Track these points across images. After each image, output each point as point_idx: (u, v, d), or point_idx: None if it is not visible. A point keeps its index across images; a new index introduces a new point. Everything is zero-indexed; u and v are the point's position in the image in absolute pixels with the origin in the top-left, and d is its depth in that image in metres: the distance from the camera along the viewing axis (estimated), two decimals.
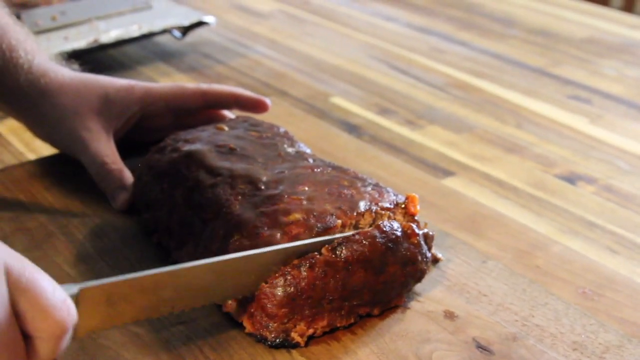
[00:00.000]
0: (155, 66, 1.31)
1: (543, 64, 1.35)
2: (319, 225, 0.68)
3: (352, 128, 1.10)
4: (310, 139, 0.95)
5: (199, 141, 0.81)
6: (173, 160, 0.79)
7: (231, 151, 0.79)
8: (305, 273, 0.65)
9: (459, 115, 1.15)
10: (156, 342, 0.66)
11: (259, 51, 1.39)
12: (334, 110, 1.16)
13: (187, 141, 0.82)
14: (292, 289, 0.65)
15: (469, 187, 0.95)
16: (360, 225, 0.70)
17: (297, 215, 0.69)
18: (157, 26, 1.31)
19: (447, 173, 0.99)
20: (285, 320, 0.65)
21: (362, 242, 0.67)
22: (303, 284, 0.65)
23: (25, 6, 1.35)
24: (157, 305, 0.61)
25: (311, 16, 1.57)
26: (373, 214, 0.71)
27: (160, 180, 0.79)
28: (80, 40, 1.24)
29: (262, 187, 0.73)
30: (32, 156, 0.99)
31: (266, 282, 0.65)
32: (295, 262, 0.66)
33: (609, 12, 1.63)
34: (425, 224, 0.74)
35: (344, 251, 0.66)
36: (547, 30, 1.51)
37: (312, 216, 0.69)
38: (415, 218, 0.74)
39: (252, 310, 0.66)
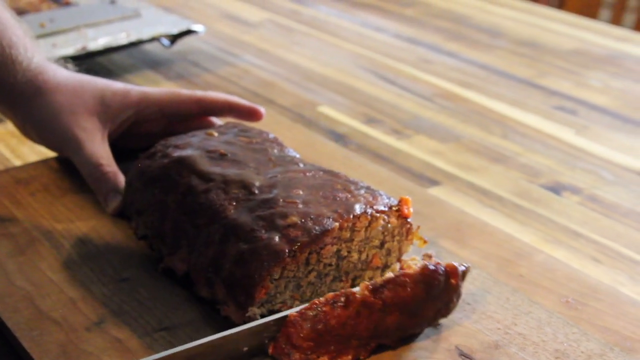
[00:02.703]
0: (143, 74, 1.31)
1: (529, 74, 1.36)
2: (316, 228, 0.68)
3: (339, 137, 1.11)
4: (297, 147, 0.95)
5: (189, 147, 0.81)
6: (164, 166, 0.79)
7: (222, 157, 0.79)
8: (338, 311, 0.64)
9: (446, 125, 1.16)
10: (138, 348, 0.66)
11: (247, 60, 1.39)
12: (321, 119, 1.16)
13: (177, 147, 0.82)
14: (321, 325, 0.64)
15: (454, 197, 0.96)
16: (357, 228, 0.71)
17: (295, 219, 0.69)
18: (145, 34, 1.31)
19: (433, 182, 0.99)
20: (309, 352, 0.64)
21: (406, 286, 0.65)
22: (334, 321, 0.64)
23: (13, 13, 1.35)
24: None
25: (301, 26, 1.58)
26: (369, 217, 0.71)
27: (152, 186, 0.79)
28: (68, 47, 1.24)
29: (256, 192, 0.73)
30: (18, 162, 0.99)
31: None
32: (330, 296, 0.64)
33: (596, 24, 1.64)
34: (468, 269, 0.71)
35: (385, 293, 0.65)
36: (534, 41, 1.52)
37: (309, 219, 0.69)
38: (409, 220, 0.74)
39: (276, 334, 0.65)
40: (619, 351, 0.67)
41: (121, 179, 0.86)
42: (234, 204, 0.72)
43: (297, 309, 0.65)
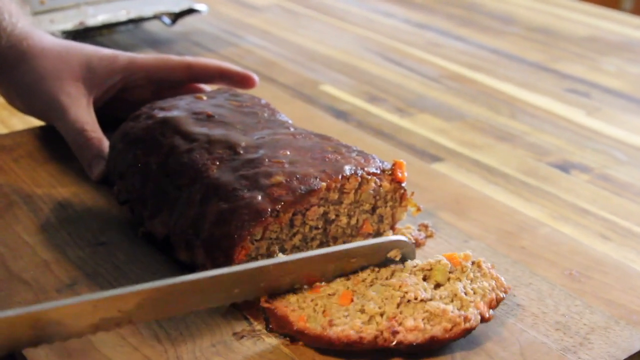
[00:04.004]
0: (144, 53, 1.27)
1: (542, 59, 1.31)
2: (302, 187, 0.64)
3: (340, 114, 1.07)
4: (295, 120, 0.91)
5: (175, 109, 0.78)
6: (148, 127, 0.75)
7: (208, 118, 0.75)
8: None
9: (451, 104, 1.11)
10: None
11: (250, 41, 1.35)
12: (322, 97, 1.12)
13: (163, 109, 0.78)
14: None
15: (457, 173, 0.92)
16: (345, 190, 0.66)
17: (279, 178, 0.65)
18: (146, 12, 1.28)
19: (435, 159, 0.95)
20: None
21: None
22: None
23: None
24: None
25: (308, 10, 1.54)
26: (359, 178, 0.67)
27: (134, 147, 0.75)
28: (66, 22, 1.21)
29: (241, 152, 0.69)
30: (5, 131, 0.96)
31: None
32: None
33: (613, 13, 1.59)
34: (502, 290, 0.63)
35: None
36: (547, 28, 1.47)
37: (295, 179, 0.65)
38: (403, 185, 0.70)
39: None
40: (624, 324, 0.63)
41: (106, 145, 0.82)
42: (217, 163, 0.68)
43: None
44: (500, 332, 0.61)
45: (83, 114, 0.84)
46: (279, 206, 0.63)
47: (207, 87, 0.93)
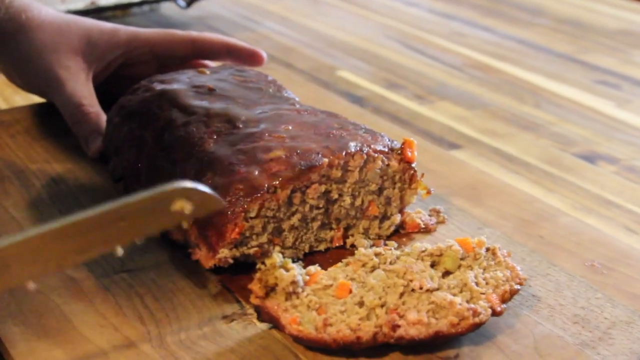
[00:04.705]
0: None
1: (570, 50, 1.25)
2: (302, 163, 0.60)
3: (356, 99, 1.02)
4: (306, 103, 0.87)
5: (176, 82, 0.74)
6: (144, 100, 0.71)
7: (210, 92, 0.71)
8: None
9: (474, 92, 1.06)
10: (93, 289, 0.58)
11: (268, 27, 1.31)
12: (338, 82, 1.08)
13: (162, 82, 0.74)
14: None
15: (475, 160, 0.87)
16: (350, 168, 0.62)
17: (279, 153, 0.60)
18: None
19: (454, 146, 0.90)
20: None
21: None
22: None
23: None
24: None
25: None
26: (364, 156, 0.62)
27: (130, 120, 0.71)
28: (77, 2, 1.18)
29: (241, 126, 0.65)
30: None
31: None
32: None
33: None
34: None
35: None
36: (577, 20, 1.41)
37: (295, 154, 0.60)
38: (412, 165, 0.65)
39: None
40: None
41: (103, 121, 0.78)
42: (215, 137, 0.64)
43: None
44: (513, 324, 0.56)
45: (81, 88, 0.80)
46: (277, 182, 0.59)
47: (213, 65, 0.89)
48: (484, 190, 0.75)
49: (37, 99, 0.90)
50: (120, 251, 0.50)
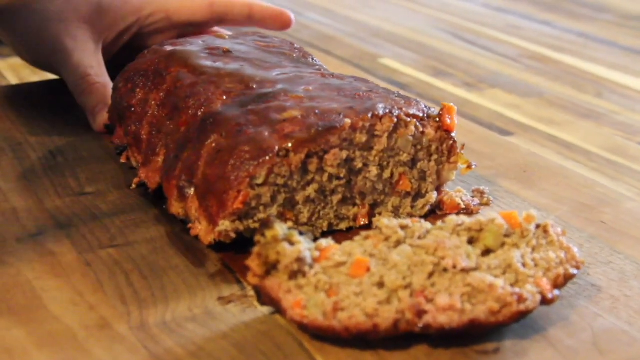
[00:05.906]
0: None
1: (636, 44, 1.15)
2: (320, 123, 0.51)
3: (399, 86, 0.93)
4: None
5: (188, 44, 0.66)
6: (151, 61, 0.64)
7: (225, 53, 0.63)
8: None
9: (529, 82, 0.97)
10: (73, 264, 0.50)
11: (309, 17, 1.23)
12: (380, 70, 0.99)
13: (173, 44, 0.66)
14: None
15: (528, 146, 0.77)
16: (377, 132, 0.53)
17: (294, 113, 0.52)
18: None
19: (504, 132, 0.81)
20: None
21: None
22: None
23: None
24: None
25: None
26: (394, 119, 0.53)
27: (134, 84, 0.63)
28: None
29: (255, 87, 0.56)
30: None
31: None
32: None
33: None
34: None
35: None
36: None
37: (313, 114, 0.52)
38: (452, 135, 0.56)
39: None
40: None
41: (111, 92, 0.70)
42: (224, 97, 0.56)
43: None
44: (567, 315, 0.47)
45: (88, 58, 0.73)
46: (289, 144, 0.50)
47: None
48: (537, 172, 0.65)
49: (51, 77, 0.84)
50: None
